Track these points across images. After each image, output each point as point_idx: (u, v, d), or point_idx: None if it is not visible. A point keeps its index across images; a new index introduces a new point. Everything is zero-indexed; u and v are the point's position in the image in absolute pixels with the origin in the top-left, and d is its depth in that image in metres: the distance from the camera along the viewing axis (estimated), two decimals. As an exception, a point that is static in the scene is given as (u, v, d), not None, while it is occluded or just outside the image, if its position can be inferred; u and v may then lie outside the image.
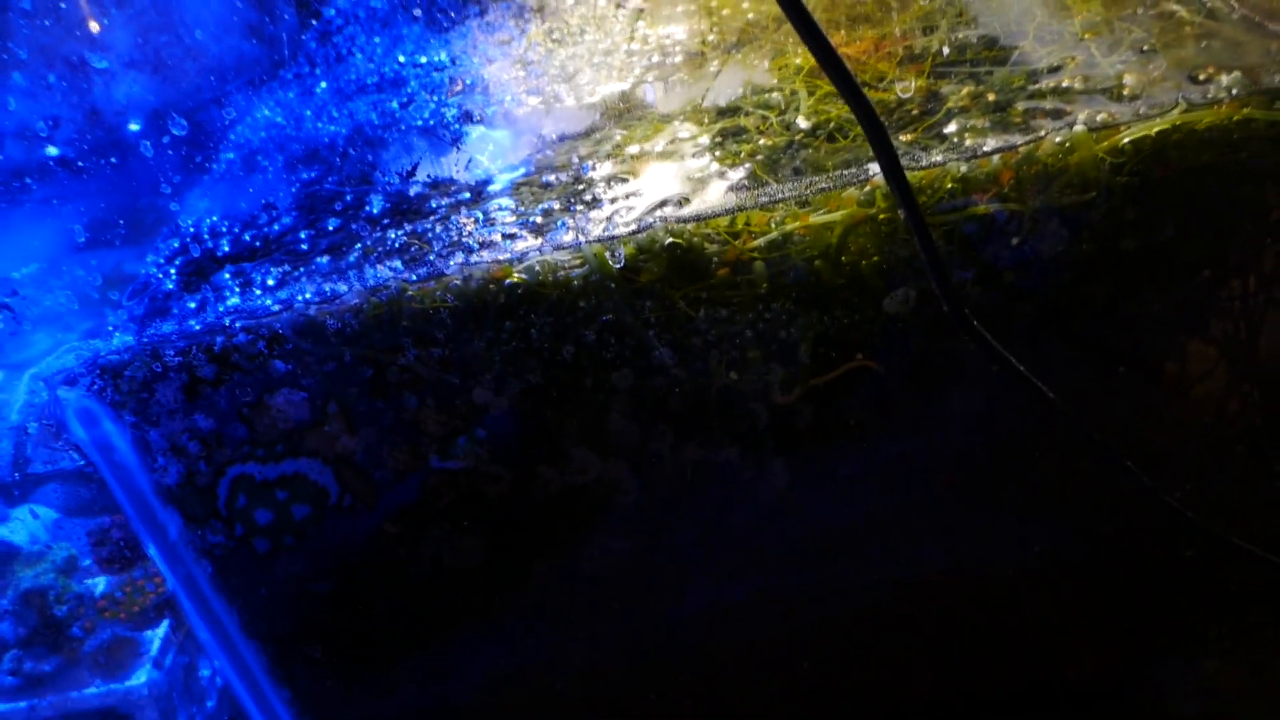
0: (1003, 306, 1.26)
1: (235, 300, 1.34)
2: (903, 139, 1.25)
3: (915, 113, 1.31)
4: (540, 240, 1.25)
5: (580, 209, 1.30)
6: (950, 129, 1.26)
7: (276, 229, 1.48)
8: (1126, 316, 1.29)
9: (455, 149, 1.56)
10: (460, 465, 1.32)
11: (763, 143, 1.34)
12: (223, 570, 1.43)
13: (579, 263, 1.23)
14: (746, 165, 1.30)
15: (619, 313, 1.24)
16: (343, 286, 1.28)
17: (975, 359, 1.26)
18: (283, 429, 1.34)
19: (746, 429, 1.33)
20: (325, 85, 1.97)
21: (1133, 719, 1.68)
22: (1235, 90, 1.20)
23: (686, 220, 1.22)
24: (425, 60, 1.94)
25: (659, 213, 1.25)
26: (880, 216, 1.19)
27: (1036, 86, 1.30)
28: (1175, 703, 1.68)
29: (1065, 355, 1.33)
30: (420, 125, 1.66)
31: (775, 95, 1.44)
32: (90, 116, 2.34)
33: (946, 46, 1.42)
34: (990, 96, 1.30)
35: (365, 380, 1.30)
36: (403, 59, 1.97)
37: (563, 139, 1.49)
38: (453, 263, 1.26)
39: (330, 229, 1.44)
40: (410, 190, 1.47)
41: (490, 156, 1.51)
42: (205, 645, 1.50)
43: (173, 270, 1.46)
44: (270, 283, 1.35)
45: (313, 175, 1.61)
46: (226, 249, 1.46)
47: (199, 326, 1.30)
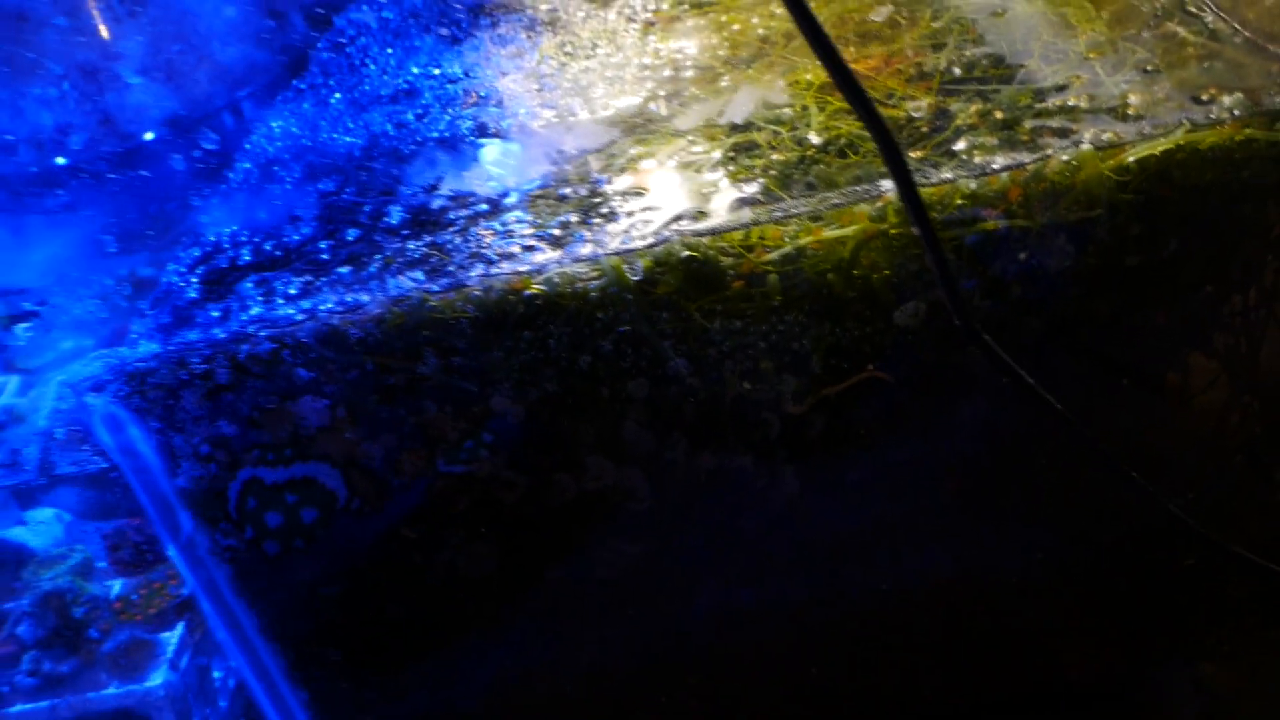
0: (1009, 319, 1.29)
1: (258, 309, 1.37)
2: (913, 155, 1.29)
3: (924, 130, 1.34)
4: (559, 252, 1.28)
5: (597, 222, 1.33)
6: (959, 146, 1.30)
7: (296, 239, 1.50)
8: (1130, 329, 1.32)
9: (472, 161, 1.59)
10: (482, 471, 1.35)
11: (775, 158, 1.37)
12: (242, 573, 1.46)
13: (597, 275, 1.26)
14: (760, 180, 1.33)
15: (636, 324, 1.27)
16: (365, 296, 1.31)
17: (983, 370, 1.29)
18: (301, 435, 1.37)
19: (759, 437, 1.36)
20: (340, 96, 2.00)
21: (1133, 721, 1.72)
22: (1237, 111, 1.24)
23: (703, 234, 1.26)
24: (438, 72, 1.97)
25: (675, 226, 1.28)
26: (891, 231, 1.22)
27: (1043, 105, 1.33)
28: (1174, 705, 1.71)
29: (1070, 367, 1.36)
30: (436, 137, 1.69)
31: (786, 111, 1.48)
32: (105, 125, 2.37)
33: (957, 67, 1.45)
34: (998, 114, 1.34)
35: (385, 387, 1.32)
36: (416, 70, 2.00)
37: (578, 153, 1.52)
38: (473, 274, 1.29)
39: (350, 239, 1.46)
40: (428, 202, 1.50)
41: (506, 169, 1.54)
42: (224, 648, 1.52)
43: (194, 278, 1.48)
44: (292, 292, 1.38)
45: (331, 186, 1.63)
46: (247, 258, 1.49)
47: (224, 335, 1.33)
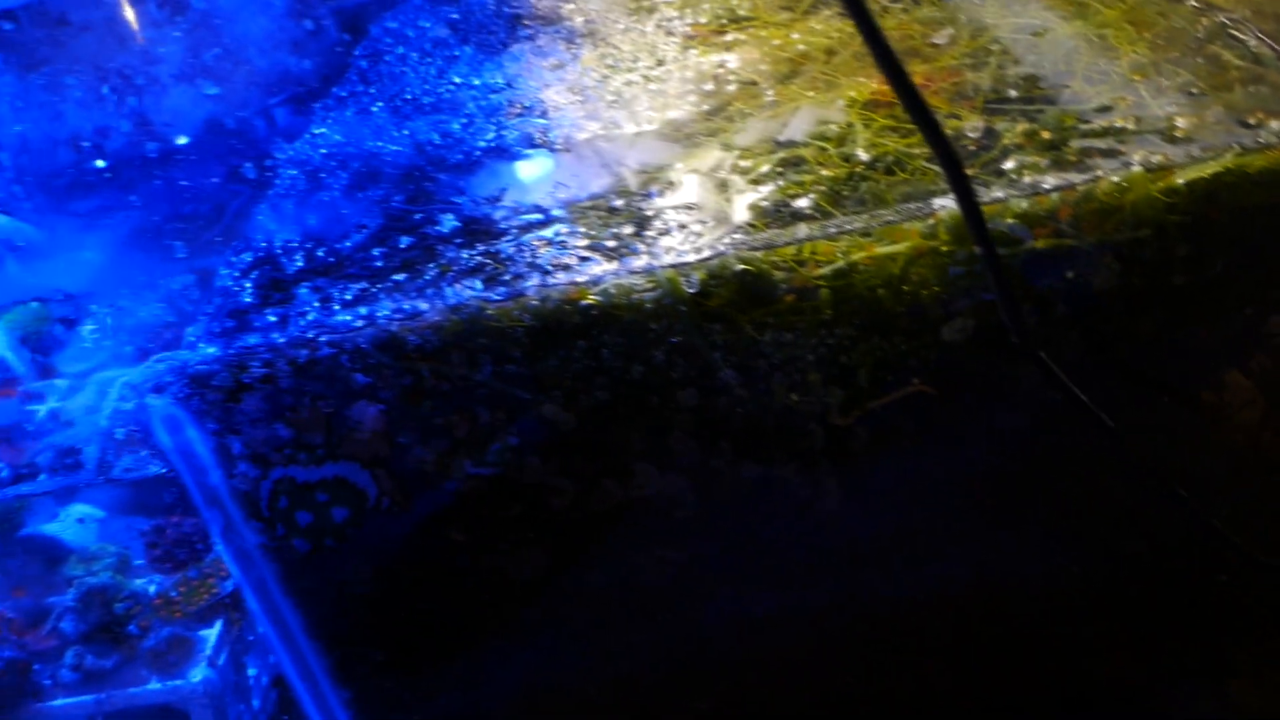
0: (1055, 335, 1.31)
1: (314, 315, 1.39)
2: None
3: (972, 149, 1.37)
4: (615, 264, 1.31)
5: (650, 234, 1.36)
6: (1007, 165, 1.32)
7: (349, 245, 1.53)
8: (1172, 347, 1.35)
9: (519, 172, 1.62)
10: (532, 476, 1.37)
11: (824, 174, 1.40)
12: (292, 572, 1.49)
13: (652, 286, 1.28)
14: (810, 196, 1.36)
15: (688, 335, 1.30)
16: (423, 304, 1.34)
17: (1028, 385, 1.32)
18: (357, 439, 1.40)
19: (804, 448, 1.39)
20: (381, 105, 2.03)
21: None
22: (1284, 135, 1.26)
23: (756, 247, 1.28)
24: (479, 83, 2.00)
25: (728, 239, 1.31)
26: (943, 249, 1.25)
27: (1089, 126, 1.36)
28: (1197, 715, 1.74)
29: (1108, 382, 1.38)
30: (484, 147, 1.72)
31: (833, 127, 1.50)
32: (142, 129, 2.40)
33: (1003, 86, 1.48)
34: (1044, 134, 1.36)
35: (441, 394, 1.35)
36: (458, 80, 2.03)
37: (626, 165, 1.55)
38: (530, 283, 1.32)
39: (402, 246, 1.49)
40: (479, 211, 1.53)
41: (555, 180, 1.57)
42: (270, 645, 1.55)
43: (248, 284, 1.51)
44: (348, 298, 1.41)
45: (380, 193, 1.66)
46: (300, 264, 1.52)
47: (282, 339, 1.36)
